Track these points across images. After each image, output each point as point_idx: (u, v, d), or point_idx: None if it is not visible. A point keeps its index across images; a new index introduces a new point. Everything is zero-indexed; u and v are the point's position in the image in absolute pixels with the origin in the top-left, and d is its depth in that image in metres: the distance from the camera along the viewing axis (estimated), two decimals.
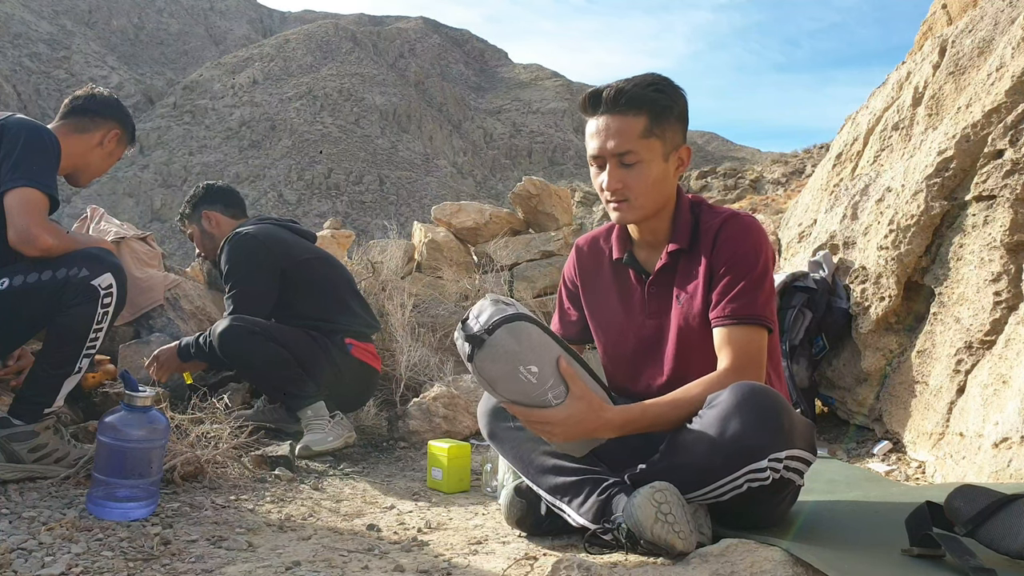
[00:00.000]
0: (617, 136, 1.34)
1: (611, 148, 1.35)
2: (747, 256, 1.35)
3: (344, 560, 1.31)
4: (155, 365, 2.32)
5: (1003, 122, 1.94)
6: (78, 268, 1.61)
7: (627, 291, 1.48)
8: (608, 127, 1.35)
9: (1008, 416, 1.63)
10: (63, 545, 1.27)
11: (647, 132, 1.34)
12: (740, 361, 1.30)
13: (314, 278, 2.44)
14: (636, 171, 1.36)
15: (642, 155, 1.35)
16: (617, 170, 1.36)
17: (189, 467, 1.74)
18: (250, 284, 2.33)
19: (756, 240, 1.37)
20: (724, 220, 1.39)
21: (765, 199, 9.34)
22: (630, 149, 1.34)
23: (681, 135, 1.40)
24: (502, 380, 1.24)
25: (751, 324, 1.32)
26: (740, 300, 1.32)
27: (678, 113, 1.38)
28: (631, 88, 1.34)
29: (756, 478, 1.19)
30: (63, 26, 60.63)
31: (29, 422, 1.64)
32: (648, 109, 1.34)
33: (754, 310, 1.32)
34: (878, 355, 2.28)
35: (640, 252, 1.48)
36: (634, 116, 1.34)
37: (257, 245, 2.37)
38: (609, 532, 1.23)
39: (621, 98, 1.34)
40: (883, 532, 1.27)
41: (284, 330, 2.29)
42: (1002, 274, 1.85)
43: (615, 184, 1.37)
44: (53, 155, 1.69)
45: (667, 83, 1.38)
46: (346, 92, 59.13)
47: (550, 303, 4.18)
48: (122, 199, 44.42)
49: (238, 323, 2.22)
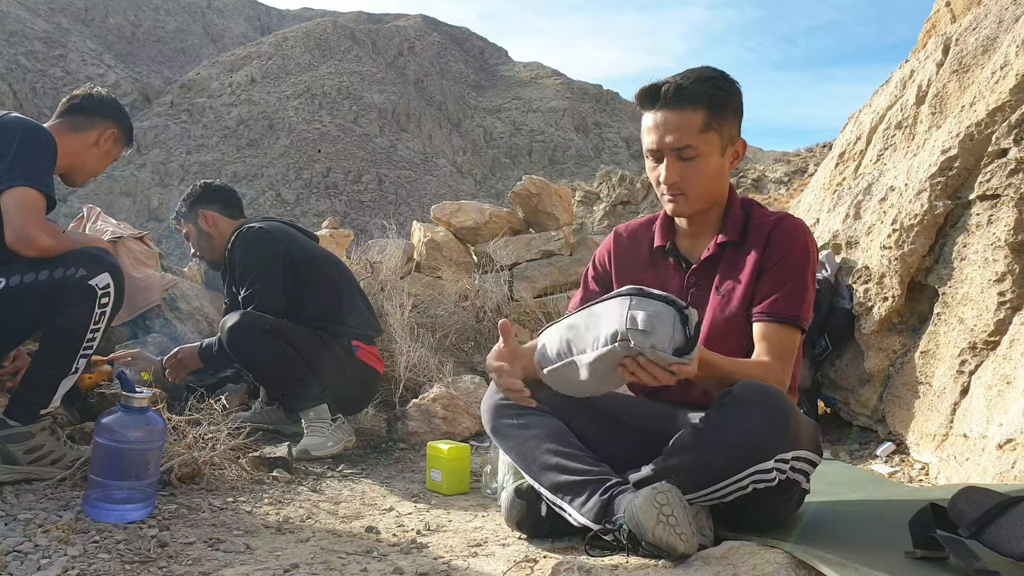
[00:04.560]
0: (677, 131, 1.37)
1: (670, 143, 1.37)
2: (798, 257, 1.38)
3: (343, 562, 1.31)
4: (173, 361, 2.32)
5: (1007, 121, 1.93)
6: (75, 268, 1.60)
7: (664, 279, 1.49)
8: (667, 121, 1.37)
9: (1012, 417, 1.62)
10: (59, 547, 1.26)
11: (706, 127, 1.37)
12: (780, 356, 1.34)
13: (323, 276, 2.42)
14: (694, 165, 1.38)
15: (701, 149, 1.37)
16: (675, 163, 1.38)
17: (186, 469, 1.73)
18: (267, 278, 2.30)
19: (808, 243, 1.41)
20: (779, 219, 1.43)
21: (768, 198, 9.33)
22: (689, 144, 1.37)
23: (737, 128, 1.42)
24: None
25: (791, 325, 1.36)
26: (787, 300, 1.36)
27: (735, 108, 1.40)
28: (690, 84, 1.36)
29: (762, 479, 1.19)
30: (59, 24, 60.51)
31: (25, 423, 1.62)
32: (707, 104, 1.36)
33: (797, 311, 1.36)
34: (881, 356, 2.27)
35: (683, 242, 1.50)
36: (693, 111, 1.36)
37: (270, 239, 2.35)
38: (610, 533, 1.23)
39: (681, 93, 1.35)
40: (886, 534, 1.27)
41: (294, 329, 2.27)
42: (1006, 274, 1.84)
43: (673, 178, 1.39)
44: (50, 154, 1.68)
45: (724, 78, 1.40)
46: (345, 90, 59.08)
47: (551, 303, 4.16)
48: (119, 198, 44.34)
49: (248, 319, 2.19)
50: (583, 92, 70.40)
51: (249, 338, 2.18)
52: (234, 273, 2.37)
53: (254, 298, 2.27)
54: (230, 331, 2.18)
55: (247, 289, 2.30)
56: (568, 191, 5.18)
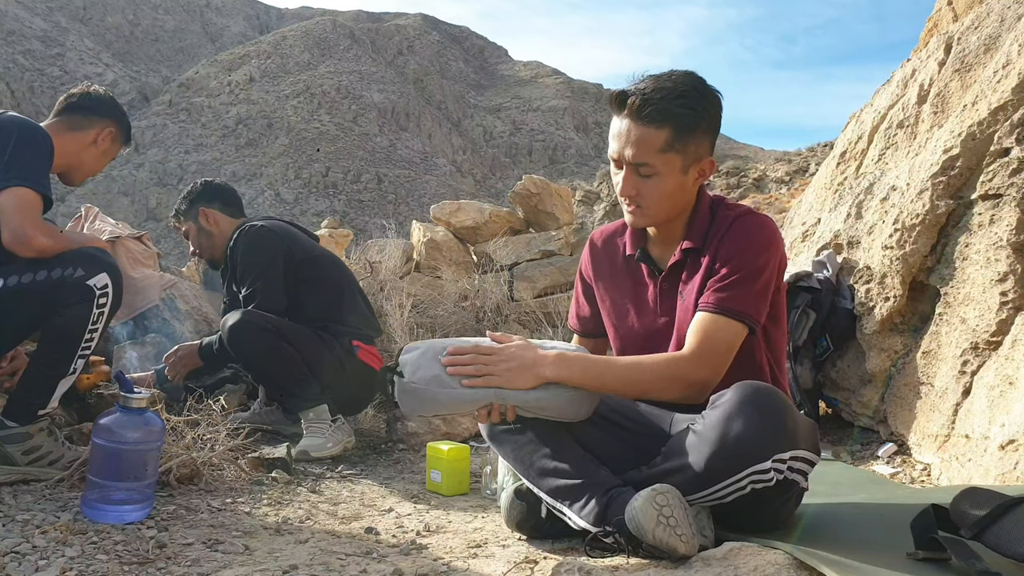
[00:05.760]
0: (636, 146, 1.33)
1: (628, 156, 1.34)
2: (747, 251, 1.34)
3: (342, 563, 1.30)
4: (173, 359, 2.31)
5: (1010, 120, 1.93)
6: (73, 268, 1.60)
7: (640, 287, 1.48)
8: (629, 133, 1.33)
9: (1015, 418, 1.61)
10: (57, 548, 1.26)
11: (667, 147, 1.32)
12: (702, 348, 1.30)
13: (323, 276, 2.41)
14: (651, 183, 1.35)
15: (658, 168, 1.33)
16: (633, 177, 1.36)
17: (185, 469, 1.72)
18: (268, 277, 2.29)
19: (763, 238, 1.36)
20: (736, 216, 1.39)
21: (768, 198, 9.34)
22: (646, 162, 1.33)
23: (707, 147, 1.37)
24: (433, 377, 1.31)
25: (729, 317, 1.31)
26: (728, 292, 1.32)
27: (706, 127, 1.35)
28: (658, 100, 1.30)
29: (760, 479, 1.18)
30: (57, 23, 60.44)
31: (23, 424, 1.62)
32: (672, 124, 1.31)
33: (740, 305, 1.31)
34: (883, 356, 2.26)
35: (654, 248, 1.48)
36: (656, 129, 1.31)
37: (272, 237, 2.34)
38: (610, 535, 1.22)
39: (645, 109, 1.30)
40: (888, 535, 1.26)
41: (295, 328, 2.25)
42: (1008, 274, 1.83)
43: (629, 191, 1.37)
44: (46, 153, 1.67)
45: (698, 94, 1.33)
46: (344, 90, 59.04)
47: (551, 303, 4.16)
48: (117, 198, 44.31)
49: (249, 318, 2.18)
50: (583, 91, 70.41)
51: (250, 337, 2.17)
52: (235, 272, 2.36)
53: (255, 296, 2.26)
54: (231, 330, 2.17)
55: (248, 287, 2.29)
56: (568, 191, 5.18)
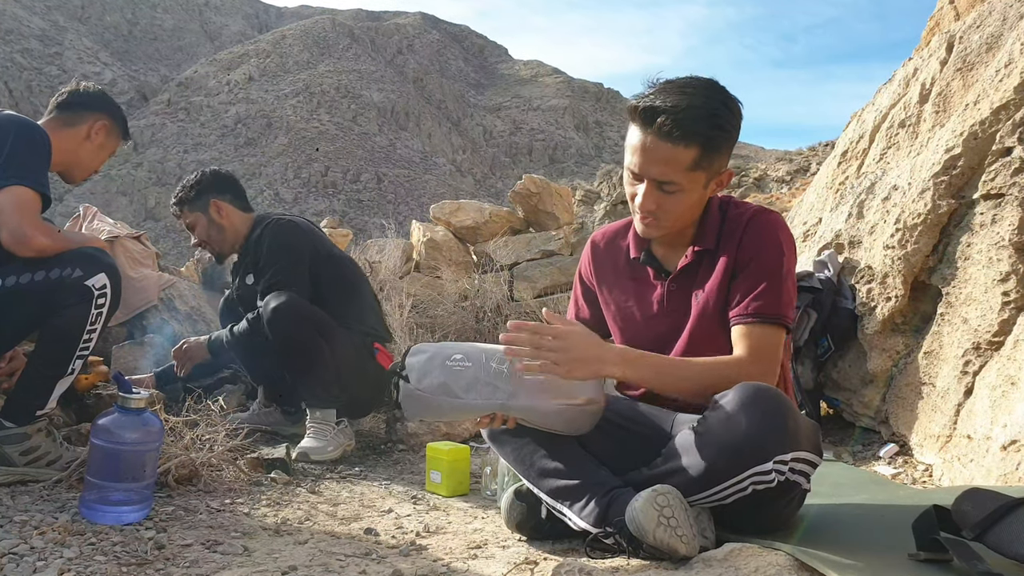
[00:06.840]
0: (663, 164, 1.29)
1: (654, 174, 1.31)
2: (772, 254, 1.34)
3: (341, 565, 1.30)
4: (180, 353, 2.31)
5: (1012, 119, 1.92)
6: (72, 268, 1.59)
7: (644, 288, 1.47)
8: (656, 151, 1.29)
9: (1017, 418, 1.61)
10: (55, 549, 1.26)
11: (694, 165, 1.30)
12: (756, 354, 1.30)
13: (344, 275, 2.40)
14: (674, 198, 1.33)
15: (684, 186, 1.31)
16: (655, 192, 1.33)
17: (184, 470, 1.71)
18: (295, 270, 2.26)
19: (781, 238, 1.36)
20: (751, 216, 1.38)
21: (770, 197, 9.34)
22: (673, 180, 1.30)
23: (727, 159, 1.36)
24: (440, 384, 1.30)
25: (771, 324, 1.32)
26: (763, 299, 1.32)
27: (731, 143, 1.33)
28: (690, 121, 1.26)
29: (761, 480, 1.17)
30: (55, 22, 60.38)
31: (21, 424, 1.61)
32: (701, 144, 1.28)
33: (777, 309, 1.32)
34: (884, 356, 2.25)
35: (659, 250, 1.47)
36: (685, 147, 1.28)
37: (300, 232, 2.33)
38: (611, 536, 1.22)
39: (676, 130, 1.26)
40: (889, 536, 1.26)
41: (329, 324, 2.23)
42: (1010, 274, 1.83)
43: (650, 206, 1.34)
44: (44, 152, 1.67)
45: (727, 113, 1.30)
46: (343, 89, 59.00)
47: (551, 303, 4.15)
48: (115, 197, 44.28)
49: (294, 302, 2.14)
50: (583, 90, 70.38)
51: (293, 321, 2.13)
52: (257, 263, 2.32)
53: (279, 287, 2.21)
54: (275, 311, 2.12)
55: (273, 277, 2.24)
56: (568, 190, 5.17)
